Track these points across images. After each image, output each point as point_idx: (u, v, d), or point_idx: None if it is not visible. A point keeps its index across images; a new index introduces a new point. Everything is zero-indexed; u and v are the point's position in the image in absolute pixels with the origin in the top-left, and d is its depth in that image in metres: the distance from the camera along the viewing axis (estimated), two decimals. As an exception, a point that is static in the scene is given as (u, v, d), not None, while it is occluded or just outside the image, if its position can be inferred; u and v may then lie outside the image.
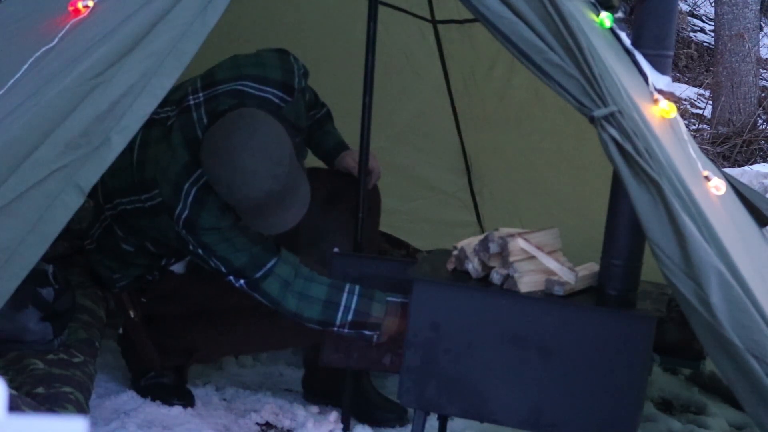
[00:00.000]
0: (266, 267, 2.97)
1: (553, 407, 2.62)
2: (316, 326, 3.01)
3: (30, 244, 2.25)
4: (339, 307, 2.98)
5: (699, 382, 3.77)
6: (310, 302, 2.98)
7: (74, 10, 2.47)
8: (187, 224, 2.93)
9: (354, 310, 2.98)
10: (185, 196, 2.93)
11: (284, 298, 2.98)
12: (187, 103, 3.02)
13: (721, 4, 9.13)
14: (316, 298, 2.98)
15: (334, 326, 3.00)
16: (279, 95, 3.04)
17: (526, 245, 2.65)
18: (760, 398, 2.24)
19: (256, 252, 2.98)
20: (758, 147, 8.63)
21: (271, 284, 2.98)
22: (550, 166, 3.99)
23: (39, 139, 2.24)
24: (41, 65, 2.38)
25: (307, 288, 2.98)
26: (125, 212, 3.14)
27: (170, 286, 3.26)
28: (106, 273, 3.29)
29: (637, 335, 2.58)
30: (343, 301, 2.98)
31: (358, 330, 3.01)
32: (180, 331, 3.30)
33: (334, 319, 2.99)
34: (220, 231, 2.95)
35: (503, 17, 2.39)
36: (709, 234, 2.25)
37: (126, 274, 3.28)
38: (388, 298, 3.00)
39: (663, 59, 2.59)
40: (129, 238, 3.20)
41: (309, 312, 2.99)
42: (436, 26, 4.03)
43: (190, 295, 3.27)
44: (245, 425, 3.26)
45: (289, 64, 3.13)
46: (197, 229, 2.94)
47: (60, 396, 2.63)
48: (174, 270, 3.26)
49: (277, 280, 2.98)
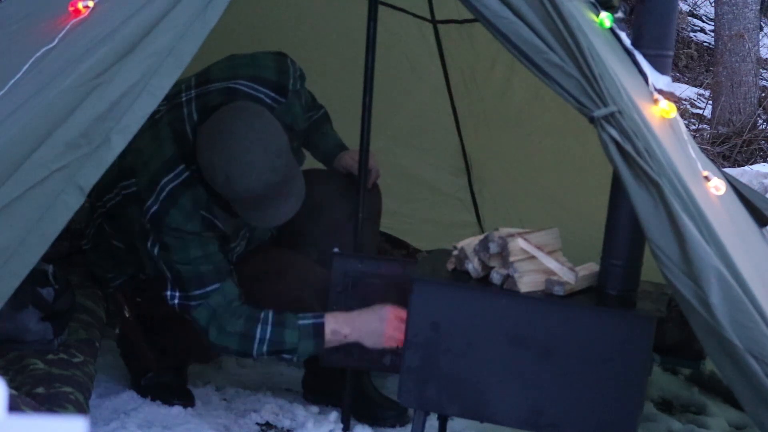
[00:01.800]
0: (206, 289, 2.99)
1: (553, 407, 2.62)
2: (236, 356, 3.09)
3: (30, 244, 2.25)
4: (254, 340, 2.99)
5: (699, 382, 3.77)
6: (228, 337, 3.00)
7: (74, 10, 2.47)
8: (154, 219, 2.95)
9: (268, 341, 2.99)
10: (159, 191, 2.95)
11: (208, 328, 3.01)
12: (179, 99, 3.05)
13: (721, 4, 9.13)
14: (232, 333, 3.00)
15: (252, 356, 3.05)
16: (272, 96, 3.06)
17: (526, 245, 2.65)
18: (760, 398, 2.24)
19: (205, 271, 3.00)
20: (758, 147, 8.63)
21: (201, 313, 3.01)
22: (550, 166, 3.99)
23: (39, 140, 2.24)
24: (42, 65, 2.38)
25: (226, 323, 3.00)
26: (113, 207, 3.16)
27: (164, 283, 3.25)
28: (100, 272, 3.30)
29: (637, 335, 2.58)
30: (258, 334, 2.99)
31: (277, 355, 3.05)
32: (175, 331, 3.30)
33: (251, 350, 3.01)
34: (182, 235, 2.96)
35: (503, 17, 2.39)
36: (709, 234, 2.25)
37: (119, 273, 3.28)
38: (300, 322, 3.00)
39: (663, 59, 2.59)
40: (118, 236, 3.22)
41: (227, 344, 3.02)
42: (436, 26, 4.03)
43: None
44: (245, 425, 3.26)
45: (284, 66, 3.15)
46: (162, 227, 2.96)
47: (60, 396, 2.63)
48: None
49: (207, 310, 3.00)
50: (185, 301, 3.02)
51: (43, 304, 2.87)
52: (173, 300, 3.03)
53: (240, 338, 3.00)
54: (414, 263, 3.05)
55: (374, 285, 3.06)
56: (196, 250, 2.99)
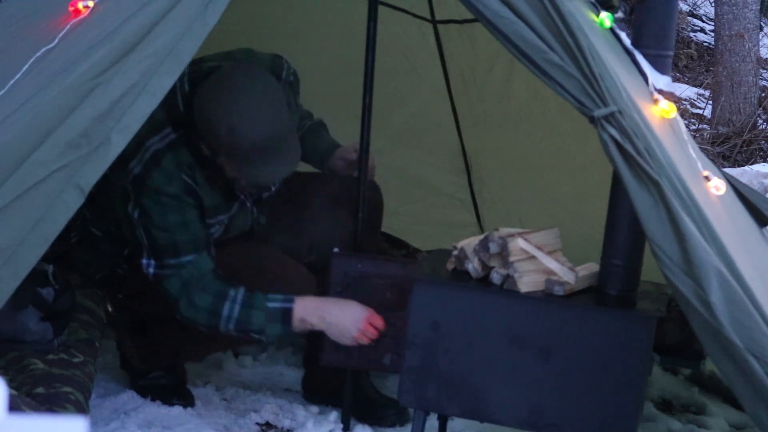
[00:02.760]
0: (181, 259, 2.99)
1: (553, 407, 2.62)
2: (205, 330, 3.04)
3: (30, 244, 2.25)
4: (221, 317, 2.99)
5: (699, 382, 3.77)
6: (197, 310, 3.00)
7: (74, 10, 2.47)
8: (136, 180, 2.95)
9: (235, 320, 2.99)
10: (144, 152, 2.97)
11: (179, 300, 3.01)
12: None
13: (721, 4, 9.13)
14: (201, 307, 3.00)
15: (219, 332, 3.03)
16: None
17: (526, 245, 2.65)
18: (760, 398, 2.24)
19: (181, 241, 3.00)
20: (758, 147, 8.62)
21: (173, 283, 3.01)
22: (550, 166, 3.99)
23: (39, 139, 2.25)
24: (42, 65, 2.38)
25: (196, 296, 3.00)
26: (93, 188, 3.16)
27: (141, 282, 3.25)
28: (83, 267, 3.29)
29: (637, 335, 2.58)
30: (225, 312, 2.99)
31: (244, 333, 3.04)
32: (160, 331, 3.30)
33: (217, 326, 3.01)
34: (161, 198, 2.97)
35: (503, 17, 2.39)
36: (709, 234, 2.25)
37: (98, 266, 3.28)
38: (268, 305, 2.99)
39: (663, 59, 2.59)
40: (97, 222, 3.21)
41: (195, 318, 3.01)
42: (436, 26, 4.03)
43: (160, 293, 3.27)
44: (245, 425, 3.26)
45: (279, 61, 3.21)
46: (143, 188, 2.96)
47: (60, 396, 2.63)
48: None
49: (179, 281, 3.00)
50: (159, 270, 3.01)
51: (43, 304, 2.87)
52: (148, 268, 3.03)
53: (208, 314, 2.99)
54: (414, 263, 3.04)
55: (374, 285, 3.06)
56: (174, 215, 2.99)
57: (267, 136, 2.90)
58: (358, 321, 2.99)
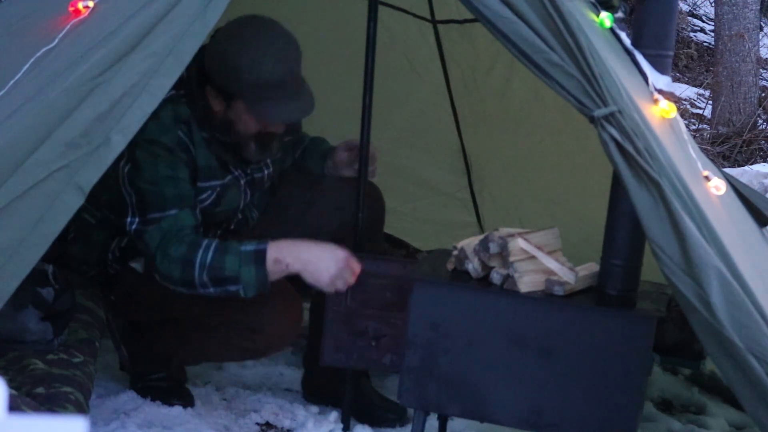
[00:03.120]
0: (165, 213, 2.97)
1: (553, 407, 2.62)
2: (182, 289, 2.96)
3: (30, 244, 2.25)
4: (195, 265, 2.91)
5: (699, 382, 3.77)
6: (170, 262, 2.94)
7: (74, 10, 2.47)
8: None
9: (209, 267, 2.91)
10: None
11: (156, 253, 2.96)
12: None
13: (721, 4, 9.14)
14: (175, 257, 2.93)
15: (196, 287, 2.93)
16: None
17: (526, 245, 2.65)
18: (760, 398, 2.24)
19: (169, 195, 2.98)
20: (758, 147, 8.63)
21: (152, 236, 2.96)
22: (550, 166, 3.99)
23: (39, 140, 2.25)
24: (42, 66, 2.38)
25: (170, 248, 2.95)
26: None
27: (132, 284, 3.25)
28: (75, 261, 3.28)
29: (637, 335, 2.58)
30: (198, 260, 2.91)
31: (222, 287, 2.93)
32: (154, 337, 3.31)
33: (192, 277, 2.93)
34: (154, 149, 2.96)
35: (503, 17, 2.39)
36: (710, 234, 2.25)
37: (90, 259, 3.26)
38: (241, 248, 2.93)
39: (663, 59, 2.59)
40: (90, 208, 3.19)
41: (170, 271, 2.94)
42: (436, 26, 4.03)
43: (150, 298, 3.26)
44: (245, 425, 3.26)
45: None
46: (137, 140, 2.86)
47: (60, 396, 2.63)
48: (133, 266, 3.25)
49: (158, 233, 2.96)
50: (142, 226, 2.99)
51: (43, 304, 2.87)
52: (132, 226, 3.00)
53: (182, 264, 2.93)
54: (414, 263, 3.04)
55: (374, 285, 3.06)
56: (165, 168, 2.98)
57: (288, 70, 2.98)
58: (337, 260, 2.93)
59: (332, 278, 2.92)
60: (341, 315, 3.02)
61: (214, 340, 3.19)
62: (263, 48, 2.96)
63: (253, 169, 3.25)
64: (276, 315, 3.09)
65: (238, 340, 3.14)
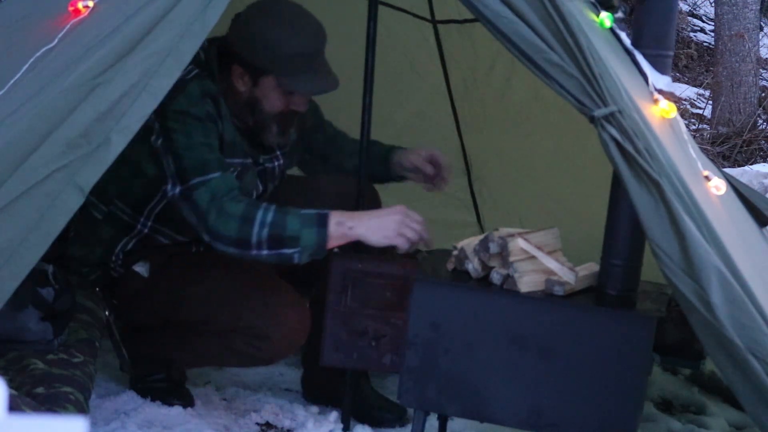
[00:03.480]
0: (208, 176, 2.94)
1: (553, 407, 2.62)
2: (234, 249, 2.89)
3: (30, 244, 2.25)
4: (254, 223, 2.86)
5: (699, 382, 3.77)
6: (227, 218, 2.88)
7: (74, 10, 2.47)
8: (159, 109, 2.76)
9: (270, 224, 2.86)
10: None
11: (209, 211, 2.90)
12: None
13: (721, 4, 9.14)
14: (232, 215, 2.88)
15: (251, 247, 2.88)
16: None
17: (526, 245, 2.65)
18: (760, 398, 2.24)
19: (209, 159, 2.96)
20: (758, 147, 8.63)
21: (201, 194, 2.92)
22: (550, 166, 3.99)
23: (39, 140, 2.24)
24: (41, 66, 2.38)
25: (227, 205, 2.90)
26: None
27: (135, 288, 3.25)
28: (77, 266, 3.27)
29: (637, 335, 2.58)
30: (259, 217, 2.87)
31: (278, 249, 2.87)
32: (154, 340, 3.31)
33: (250, 235, 2.86)
34: (186, 119, 2.96)
35: (503, 17, 2.39)
36: (710, 234, 2.25)
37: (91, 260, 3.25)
38: (302, 212, 2.89)
39: (663, 59, 2.59)
40: (97, 203, 3.18)
41: (226, 229, 2.88)
42: (436, 26, 4.03)
43: (153, 302, 3.26)
44: (245, 425, 3.26)
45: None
46: (167, 112, 2.93)
47: (60, 396, 2.63)
48: (136, 270, 3.25)
49: (208, 191, 2.92)
50: (186, 191, 2.94)
51: (43, 304, 2.87)
52: (174, 191, 2.96)
53: (240, 221, 2.87)
54: (414, 263, 3.04)
55: (374, 285, 3.06)
56: (199, 135, 2.97)
57: (318, 45, 3.06)
58: (396, 213, 2.89)
59: (396, 234, 2.87)
60: (341, 315, 3.02)
61: (218, 346, 3.19)
62: (294, 22, 3.04)
63: (265, 159, 3.24)
64: (282, 322, 3.09)
65: (243, 347, 3.13)
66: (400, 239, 2.88)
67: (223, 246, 2.90)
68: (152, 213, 3.20)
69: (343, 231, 2.87)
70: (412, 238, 2.87)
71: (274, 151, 3.27)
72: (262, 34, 3.03)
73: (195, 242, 3.27)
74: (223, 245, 2.90)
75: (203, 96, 3.00)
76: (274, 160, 3.29)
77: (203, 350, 3.24)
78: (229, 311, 3.12)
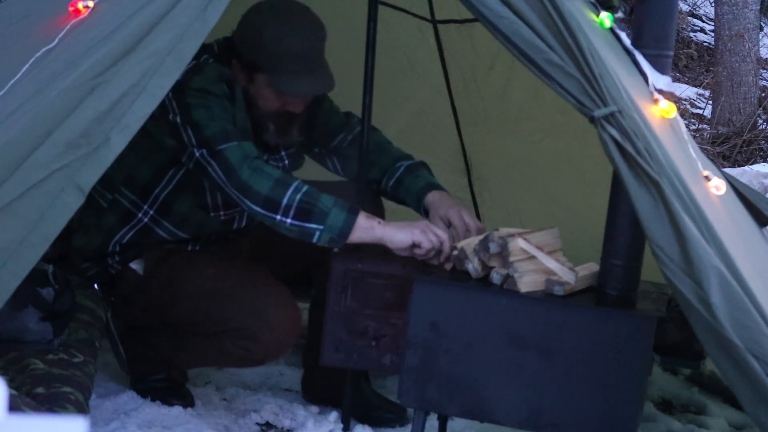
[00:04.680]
0: (230, 143, 2.93)
1: (553, 407, 2.62)
2: (260, 209, 2.86)
3: (30, 244, 2.25)
4: (289, 186, 2.86)
5: (699, 382, 3.77)
6: (262, 175, 2.87)
7: (74, 10, 2.47)
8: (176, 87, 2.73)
9: (304, 192, 2.85)
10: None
11: (241, 167, 2.88)
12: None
13: (721, 4, 9.14)
14: (268, 174, 2.88)
15: (278, 210, 2.85)
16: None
17: (526, 245, 2.65)
18: (760, 398, 2.24)
19: (231, 129, 2.97)
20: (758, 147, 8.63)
21: (234, 151, 2.91)
22: (550, 166, 3.99)
23: (39, 140, 2.25)
24: (41, 66, 2.38)
25: (264, 166, 2.91)
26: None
27: (131, 286, 3.25)
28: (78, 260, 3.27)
29: (637, 335, 2.58)
30: (294, 183, 2.87)
31: (303, 221, 2.85)
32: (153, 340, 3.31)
33: (282, 197, 2.84)
34: (205, 95, 2.98)
35: (503, 17, 2.39)
36: (709, 234, 2.25)
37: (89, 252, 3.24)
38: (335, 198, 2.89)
39: (663, 59, 2.59)
40: (103, 191, 3.18)
41: (259, 185, 2.86)
42: (436, 26, 4.03)
43: (148, 301, 3.26)
44: (245, 425, 3.26)
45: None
46: (185, 90, 2.95)
47: (60, 396, 2.63)
48: (133, 267, 3.24)
49: (240, 150, 2.91)
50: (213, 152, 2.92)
51: (43, 304, 2.87)
52: (200, 152, 2.95)
53: (275, 182, 2.86)
54: (414, 263, 3.04)
55: (374, 285, 3.06)
56: (220, 110, 2.99)
57: (311, 46, 3.06)
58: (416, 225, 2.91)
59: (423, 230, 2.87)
60: (341, 315, 3.02)
61: (211, 347, 3.19)
62: (288, 22, 3.05)
63: (269, 159, 3.24)
64: (273, 324, 3.09)
65: (235, 349, 3.14)
66: (424, 237, 2.88)
67: (251, 203, 2.87)
68: (157, 200, 3.19)
69: (372, 224, 2.88)
70: (435, 241, 2.87)
71: (278, 152, 3.27)
72: (258, 32, 3.06)
73: (192, 240, 3.27)
74: (251, 202, 2.88)
75: (219, 79, 3.04)
76: (279, 161, 3.29)
77: (198, 351, 3.25)
78: (218, 313, 3.12)
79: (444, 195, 3.21)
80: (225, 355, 3.19)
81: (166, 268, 3.22)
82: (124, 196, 3.20)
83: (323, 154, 3.43)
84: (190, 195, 3.19)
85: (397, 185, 3.27)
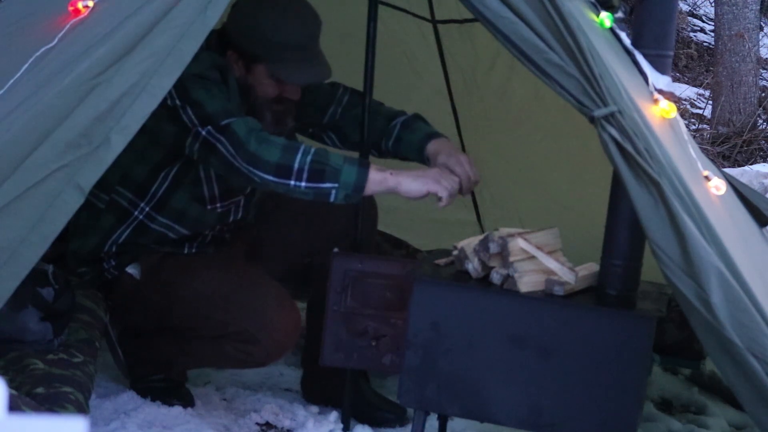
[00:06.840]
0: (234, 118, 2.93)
1: (553, 407, 2.62)
2: (272, 177, 2.84)
3: (30, 244, 2.25)
4: (298, 150, 2.85)
5: (699, 382, 3.77)
6: (270, 144, 2.86)
7: (74, 10, 2.47)
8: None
9: (313, 152, 2.84)
10: None
11: (248, 140, 2.87)
12: None
13: (721, 4, 9.14)
14: (275, 143, 2.86)
15: (291, 175, 2.84)
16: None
17: (526, 245, 2.65)
18: (760, 398, 2.24)
19: (231, 107, 2.97)
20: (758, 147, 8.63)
21: (239, 125, 2.90)
22: (550, 166, 3.99)
23: (39, 139, 2.25)
24: (41, 65, 2.38)
25: (269, 136, 2.89)
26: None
27: (128, 291, 3.24)
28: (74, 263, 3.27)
29: (637, 335, 2.58)
30: (302, 147, 2.86)
31: (317, 182, 2.83)
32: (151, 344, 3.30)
33: (293, 161, 2.82)
34: (202, 80, 2.97)
35: (503, 17, 2.39)
36: (709, 234, 2.25)
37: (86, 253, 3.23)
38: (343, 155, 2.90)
39: (663, 59, 2.59)
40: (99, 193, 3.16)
41: (269, 153, 2.85)
42: (436, 26, 4.03)
43: (146, 306, 3.25)
44: (245, 425, 3.26)
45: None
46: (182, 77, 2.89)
47: (60, 396, 2.63)
48: (129, 272, 3.24)
49: (245, 124, 2.90)
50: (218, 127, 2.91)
51: (43, 304, 2.87)
52: (206, 129, 2.93)
53: (283, 149, 2.84)
54: (414, 263, 3.04)
55: (374, 285, 3.06)
56: (218, 91, 2.99)
57: (309, 34, 3.07)
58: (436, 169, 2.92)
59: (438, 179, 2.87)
60: (341, 315, 3.03)
61: (212, 350, 3.19)
62: (286, 11, 3.06)
63: None
64: (273, 326, 3.09)
65: (236, 352, 3.14)
66: (439, 186, 2.87)
67: (262, 173, 2.86)
68: (155, 197, 3.18)
69: (384, 176, 2.86)
70: (450, 187, 2.87)
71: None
72: (255, 22, 3.06)
73: (188, 240, 3.26)
74: (262, 172, 2.86)
75: (213, 65, 3.04)
76: None
77: (199, 354, 3.25)
78: (218, 317, 3.12)
79: (443, 143, 3.17)
80: (226, 358, 3.19)
81: (163, 272, 3.22)
82: (121, 195, 3.20)
83: (318, 132, 3.41)
84: (186, 189, 3.17)
85: (397, 144, 3.25)
